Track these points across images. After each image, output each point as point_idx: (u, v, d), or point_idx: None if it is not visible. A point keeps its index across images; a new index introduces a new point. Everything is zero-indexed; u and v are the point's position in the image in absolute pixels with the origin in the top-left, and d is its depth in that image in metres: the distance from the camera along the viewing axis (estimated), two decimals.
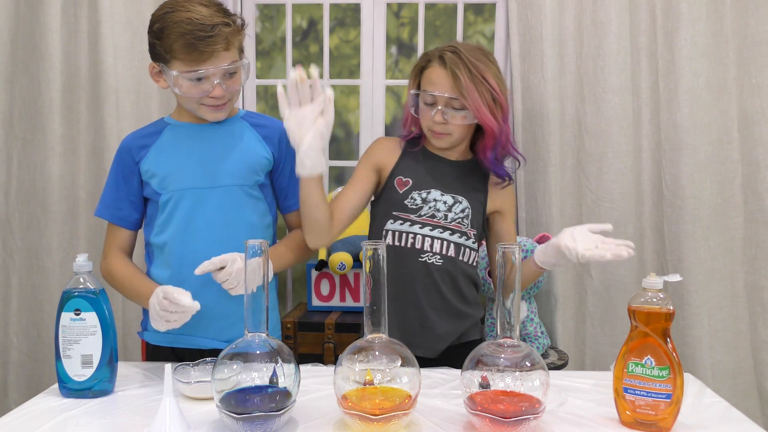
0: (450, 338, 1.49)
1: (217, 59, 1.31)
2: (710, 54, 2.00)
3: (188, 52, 1.29)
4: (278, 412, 1.02)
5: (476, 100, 1.38)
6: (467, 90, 1.38)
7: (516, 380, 1.02)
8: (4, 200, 2.11)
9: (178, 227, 1.40)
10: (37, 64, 2.06)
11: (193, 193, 1.40)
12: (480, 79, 1.39)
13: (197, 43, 1.28)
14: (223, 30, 1.30)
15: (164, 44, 1.31)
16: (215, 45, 1.29)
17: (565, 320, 2.09)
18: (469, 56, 1.40)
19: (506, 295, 1.03)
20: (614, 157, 2.03)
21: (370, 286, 1.04)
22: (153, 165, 1.41)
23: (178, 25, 1.28)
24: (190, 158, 1.41)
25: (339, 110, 2.44)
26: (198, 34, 1.28)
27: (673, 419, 1.06)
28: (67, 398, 1.20)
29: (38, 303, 2.13)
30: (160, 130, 1.45)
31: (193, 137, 1.43)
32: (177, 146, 1.42)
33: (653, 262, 2.09)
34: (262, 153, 1.45)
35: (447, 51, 1.42)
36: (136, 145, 1.43)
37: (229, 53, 1.33)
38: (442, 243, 1.46)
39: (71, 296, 1.20)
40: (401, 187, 1.50)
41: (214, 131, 1.44)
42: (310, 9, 2.40)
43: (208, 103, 1.36)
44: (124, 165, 1.44)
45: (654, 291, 1.07)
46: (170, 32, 1.29)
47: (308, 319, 2.06)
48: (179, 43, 1.28)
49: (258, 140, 1.46)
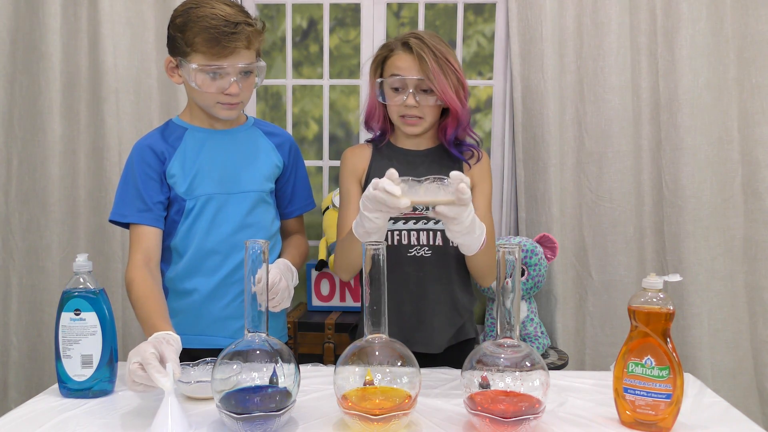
0: (449, 330, 1.49)
1: (238, 56, 1.34)
2: (710, 54, 2.00)
3: (211, 45, 1.31)
4: (278, 412, 1.02)
5: (442, 82, 1.41)
6: (434, 73, 1.40)
7: (516, 380, 1.02)
8: (4, 200, 2.11)
9: (201, 232, 1.42)
10: (37, 64, 2.06)
11: (217, 199, 1.43)
12: (444, 62, 1.42)
13: (221, 37, 1.31)
14: (246, 29, 1.34)
15: (186, 37, 1.33)
16: (237, 41, 1.32)
17: (565, 320, 2.09)
18: (432, 41, 1.43)
19: (506, 295, 1.03)
20: (614, 157, 2.04)
21: (370, 286, 1.04)
22: (179, 171, 1.41)
23: (203, 19, 1.31)
24: (213, 164, 1.43)
25: (339, 110, 2.44)
26: (222, 29, 1.31)
27: (673, 419, 1.06)
28: (67, 398, 1.20)
29: (38, 303, 2.13)
30: (180, 135, 1.45)
31: (214, 143, 1.45)
32: (200, 152, 1.43)
33: (653, 262, 2.09)
34: (275, 161, 1.50)
35: (410, 38, 1.44)
36: (160, 148, 1.42)
37: (248, 52, 1.36)
38: (428, 234, 1.46)
39: (71, 296, 1.20)
40: None
41: (233, 138, 1.47)
42: (310, 9, 2.41)
43: (223, 101, 1.38)
44: (149, 166, 1.41)
45: (654, 291, 1.06)
46: (194, 25, 1.32)
47: (308, 319, 2.07)
48: (203, 36, 1.31)
49: (272, 148, 1.51)
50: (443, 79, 1.41)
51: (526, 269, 1.94)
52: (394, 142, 1.54)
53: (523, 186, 2.10)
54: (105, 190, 2.08)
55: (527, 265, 1.94)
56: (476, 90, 2.42)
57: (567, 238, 2.09)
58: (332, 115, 2.34)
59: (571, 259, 2.11)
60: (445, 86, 1.41)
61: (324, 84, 2.30)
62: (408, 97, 1.43)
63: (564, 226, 2.09)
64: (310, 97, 2.47)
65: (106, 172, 2.08)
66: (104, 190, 2.08)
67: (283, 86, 2.34)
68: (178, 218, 1.43)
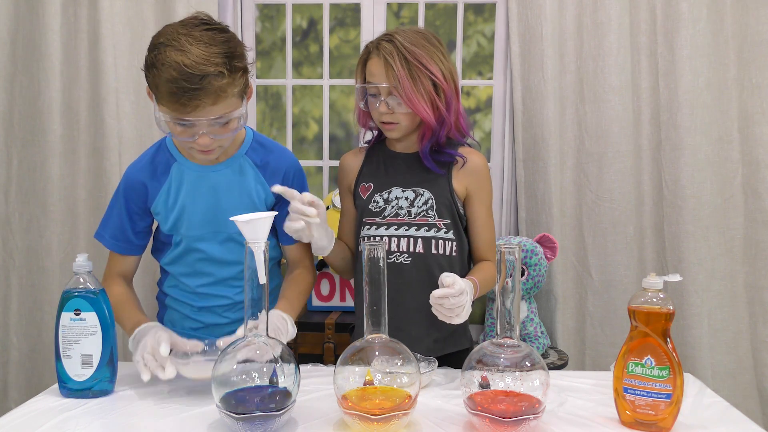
0: (426, 340, 1.45)
1: (204, 111, 1.21)
2: (710, 54, 2.00)
3: (172, 101, 1.20)
4: (278, 412, 1.02)
5: (408, 88, 1.35)
6: (399, 78, 1.35)
7: (516, 380, 1.02)
8: (4, 200, 2.11)
9: (190, 264, 1.44)
10: (37, 64, 2.06)
11: (202, 241, 1.42)
12: (416, 66, 1.35)
13: (180, 94, 1.18)
14: (213, 83, 1.18)
15: (152, 82, 1.23)
16: (199, 99, 1.18)
17: (565, 320, 2.09)
18: (405, 43, 1.36)
19: (506, 295, 1.03)
20: (614, 157, 2.04)
21: (369, 286, 1.04)
22: (163, 209, 1.41)
23: (166, 68, 1.18)
24: (195, 206, 1.40)
25: (339, 110, 2.44)
26: (183, 84, 1.17)
27: (673, 419, 1.06)
28: (67, 398, 1.20)
29: (38, 303, 2.13)
30: (168, 167, 1.41)
31: (196, 183, 1.40)
32: (184, 190, 1.40)
33: (653, 262, 2.09)
34: (262, 196, 1.43)
35: (382, 40, 1.39)
36: (147, 183, 1.41)
37: (217, 107, 1.22)
38: (408, 240, 1.45)
39: (71, 296, 1.20)
40: (364, 193, 1.51)
41: (217, 176, 1.40)
42: (310, 9, 2.40)
43: (197, 148, 1.28)
44: (133, 201, 1.42)
45: (654, 291, 1.06)
46: (158, 72, 1.19)
47: (308, 319, 2.06)
48: (163, 88, 1.19)
49: (259, 182, 1.42)
50: (409, 85, 1.35)
51: (526, 269, 1.94)
52: (387, 143, 1.54)
53: (523, 186, 2.10)
54: (105, 190, 2.08)
55: (527, 265, 1.94)
56: (476, 90, 2.42)
57: (567, 238, 2.09)
58: (332, 115, 2.34)
59: (571, 259, 2.11)
60: (411, 94, 1.35)
61: (324, 84, 2.30)
62: (380, 104, 1.40)
63: (564, 226, 2.08)
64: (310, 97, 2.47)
65: (106, 172, 2.08)
66: (104, 190, 2.08)
67: (283, 86, 2.34)
68: (168, 241, 1.45)
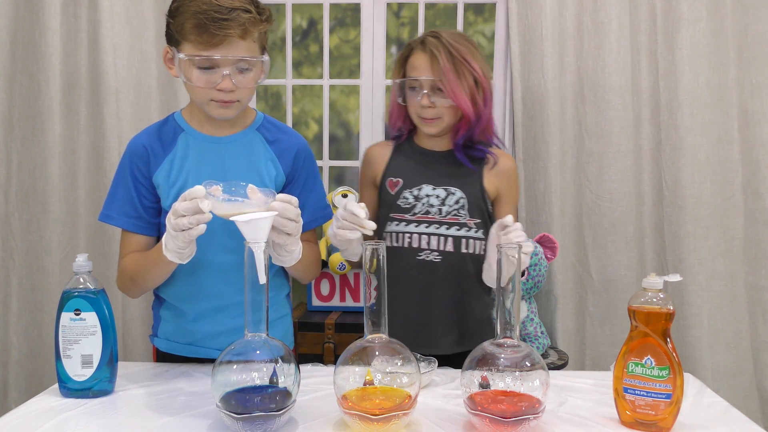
0: (452, 336, 1.48)
1: (230, 47, 1.20)
2: (710, 54, 2.00)
3: (199, 33, 1.18)
4: (278, 412, 1.02)
5: (453, 81, 1.38)
6: (445, 71, 1.38)
7: (516, 380, 1.02)
8: (4, 200, 2.11)
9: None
10: (37, 64, 2.06)
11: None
12: (461, 61, 1.40)
13: (209, 24, 1.17)
14: (242, 15, 1.19)
15: (177, 23, 1.21)
16: (228, 29, 1.18)
17: (565, 320, 2.09)
18: (450, 40, 1.41)
19: (506, 295, 1.03)
20: (614, 157, 2.04)
21: (370, 286, 1.04)
22: (163, 181, 1.31)
23: (194, 3, 1.19)
24: (201, 176, 1.27)
25: (339, 110, 2.44)
26: (212, 14, 1.17)
27: (673, 419, 1.06)
28: (67, 398, 1.20)
29: (38, 303, 2.13)
30: (175, 137, 1.34)
31: (205, 152, 1.33)
32: (189, 161, 1.32)
33: (653, 262, 2.09)
34: (273, 173, 1.35)
35: (428, 36, 1.43)
36: (152, 150, 1.32)
37: (244, 43, 1.21)
38: (438, 239, 1.46)
39: (71, 296, 1.20)
40: (392, 188, 1.50)
41: (226, 148, 1.33)
42: (310, 9, 2.41)
43: (216, 98, 1.24)
44: (138, 170, 1.33)
45: (654, 291, 1.06)
46: (185, 10, 1.20)
47: (308, 319, 2.07)
48: (191, 22, 1.19)
49: (270, 158, 1.35)
50: (454, 80, 1.38)
51: (526, 269, 1.94)
52: (416, 140, 1.54)
53: (523, 186, 2.10)
54: (105, 190, 2.07)
55: (527, 265, 1.94)
56: None
57: (567, 238, 2.09)
58: (332, 115, 2.34)
59: (571, 259, 2.11)
60: (455, 87, 1.38)
61: (324, 84, 2.30)
62: (422, 97, 1.42)
63: (564, 226, 2.08)
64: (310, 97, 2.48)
65: (106, 172, 2.08)
66: (104, 190, 2.08)
67: (283, 86, 2.34)
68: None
